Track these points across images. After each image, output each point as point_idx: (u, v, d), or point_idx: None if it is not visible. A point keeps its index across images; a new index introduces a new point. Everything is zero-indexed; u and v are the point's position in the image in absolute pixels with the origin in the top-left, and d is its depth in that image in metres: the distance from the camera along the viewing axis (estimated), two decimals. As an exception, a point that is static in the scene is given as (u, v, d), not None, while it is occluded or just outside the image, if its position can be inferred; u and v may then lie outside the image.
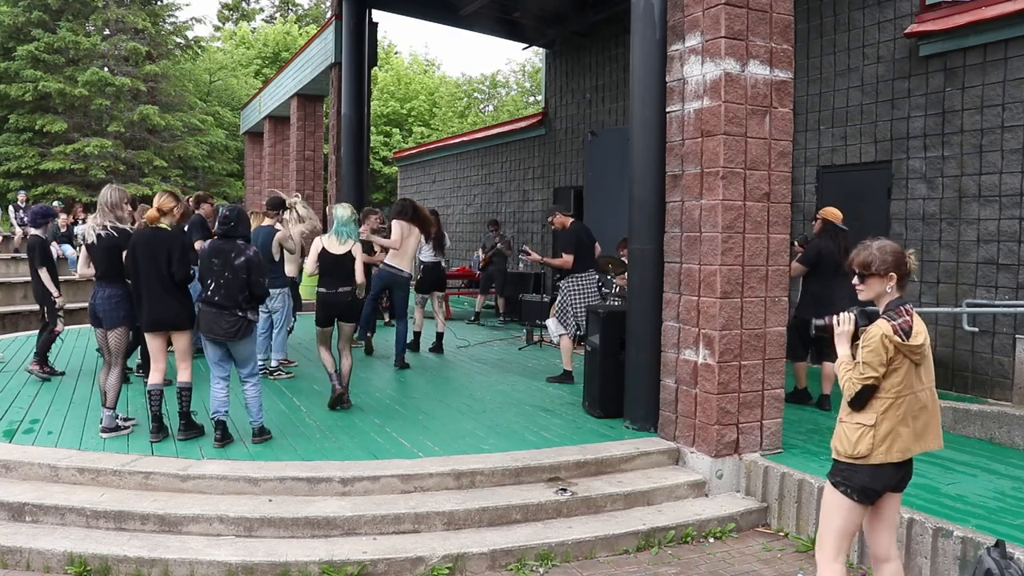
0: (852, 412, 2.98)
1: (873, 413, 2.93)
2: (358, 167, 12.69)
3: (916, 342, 2.89)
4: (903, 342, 2.87)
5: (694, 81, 5.11)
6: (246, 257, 5.09)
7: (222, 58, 33.90)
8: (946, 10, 7.21)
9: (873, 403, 2.93)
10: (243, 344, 5.15)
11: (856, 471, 2.95)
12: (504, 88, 37.85)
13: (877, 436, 2.92)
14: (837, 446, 3.00)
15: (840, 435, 3.00)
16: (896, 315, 2.92)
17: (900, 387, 2.92)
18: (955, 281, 7.20)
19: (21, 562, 3.94)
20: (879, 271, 2.98)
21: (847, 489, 2.97)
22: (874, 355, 2.87)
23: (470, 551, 4.07)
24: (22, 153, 24.20)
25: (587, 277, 7.37)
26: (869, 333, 2.91)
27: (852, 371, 2.93)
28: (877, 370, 2.88)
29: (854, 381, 2.91)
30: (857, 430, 2.95)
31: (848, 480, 2.97)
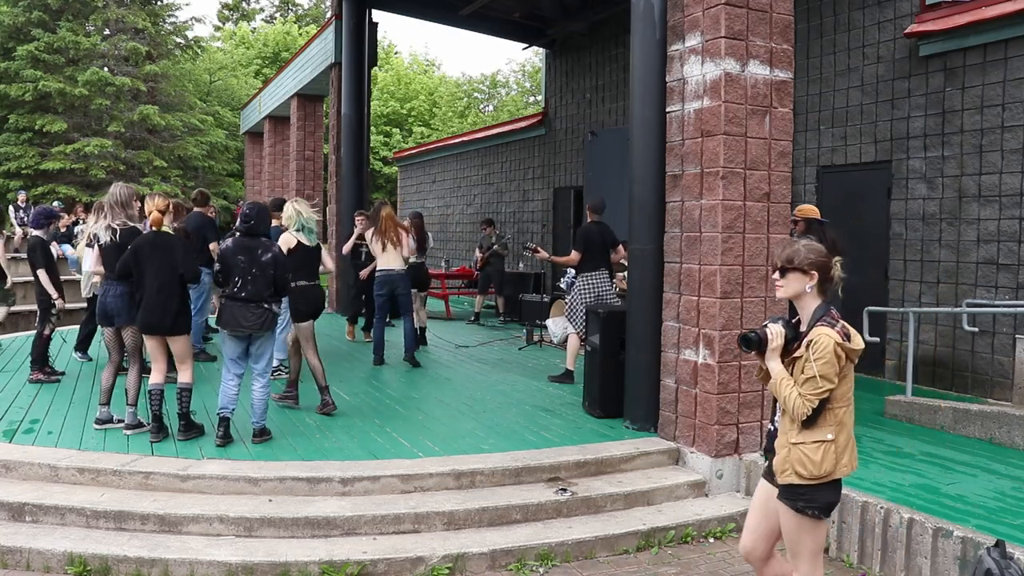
0: (804, 431, 2.79)
1: (828, 427, 2.79)
2: (358, 167, 12.70)
3: (858, 345, 2.78)
4: (850, 347, 2.76)
5: (694, 81, 5.11)
6: (273, 253, 5.23)
7: (222, 58, 33.90)
8: (946, 10, 7.20)
9: (825, 416, 2.79)
10: (265, 338, 5.23)
11: (819, 490, 2.80)
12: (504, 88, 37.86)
13: (838, 449, 2.79)
14: (800, 471, 2.77)
15: (800, 459, 2.78)
16: (833, 320, 2.80)
17: (849, 394, 2.83)
18: (955, 281, 7.20)
19: (21, 562, 3.94)
20: (801, 266, 2.84)
21: (814, 511, 2.82)
22: (829, 366, 2.72)
23: (470, 551, 4.07)
24: (22, 153, 24.19)
25: (596, 276, 7.36)
26: (819, 344, 2.73)
27: (802, 387, 2.75)
28: (833, 381, 2.73)
29: (809, 397, 2.73)
30: (819, 448, 2.77)
31: (813, 502, 2.81)
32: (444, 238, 18.70)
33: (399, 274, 8.04)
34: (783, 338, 2.84)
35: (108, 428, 5.37)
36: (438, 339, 10.18)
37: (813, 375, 2.72)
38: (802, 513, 2.81)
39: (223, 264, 5.18)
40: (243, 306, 5.09)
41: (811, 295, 2.86)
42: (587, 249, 7.30)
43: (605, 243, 7.47)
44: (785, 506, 2.84)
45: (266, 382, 5.29)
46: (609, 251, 7.55)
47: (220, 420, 5.14)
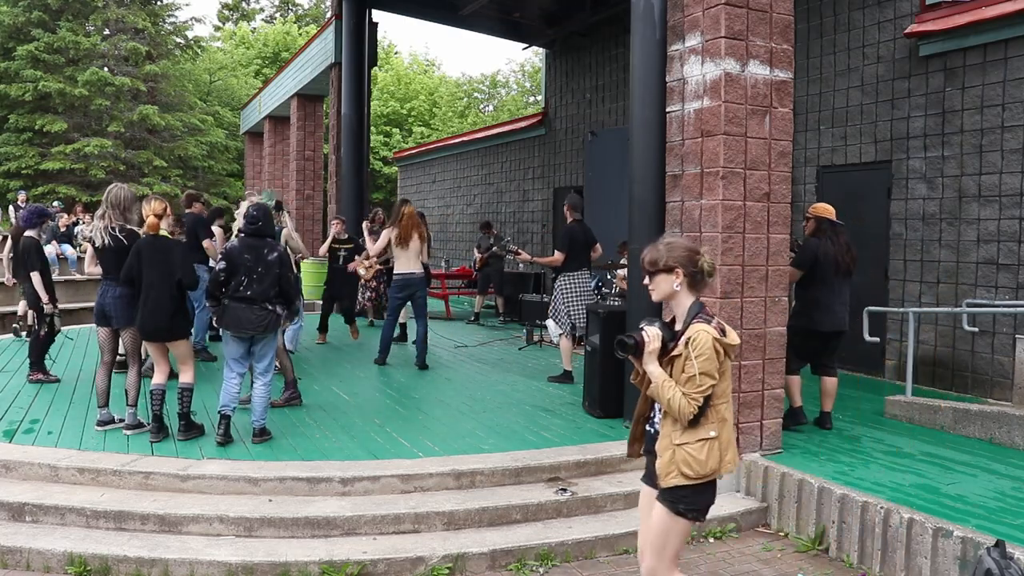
0: (687, 430, 2.74)
1: (711, 424, 2.75)
2: (358, 167, 12.70)
3: (734, 340, 2.77)
4: (728, 342, 2.74)
5: (694, 81, 5.11)
6: (279, 253, 5.26)
7: (222, 58, 33.90)
8: (946, 10, 7.21)
9: (708, 414, 2.74)
10: (268, 339, 5.24)
11: (701, 493, 2.78)
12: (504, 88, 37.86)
13: (722, 445, 2.77)
14: (687, 471, 2.72)
15: (685, 459, 2.72)
16: (708, 316, 2.78)
17: (728, 390, 2.82)
18: (955, 281, 7.20)
19: (21, 562, 3.94)
20: (665, 266, 2.81)
21: (694, 514, 2.80)
22: (710, 362, 2.68)
23: (470, 551, 4.07)
24: (22, 153, 24.19)
25: (580, 276, 7.37)
26: (698, 341, 2.69)
27: (684, 386, 2.69)
28: (715, 377, 2.69)
29: (693, 396, 2.68)
30: (703, 447, 2.73)
31: (694, 505, 2.78)
32: (444, 238, 18.70)
33: (420, 277, 7.98)
34: (660, 340, 2.77)
35: (108, 429, 5.37)
36: (438, 339, 10.17)
37: (694, 373, 2.67)
38: (682, 516, 2.78)
39: (229, 262, 5.15)
40: (247, 308, 5.09)
41: (683, 292, 2.83)
42: (571, 249, 7.30)
43: (587, 243, 7.48)
44: (665, 507, 2.80)
45: (267, 381, 5.29)
46: (589, 251, 7.55)
47: (221, 418, 5.15)
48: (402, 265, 7.88)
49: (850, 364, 8.18)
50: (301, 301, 7.49)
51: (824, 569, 4.20)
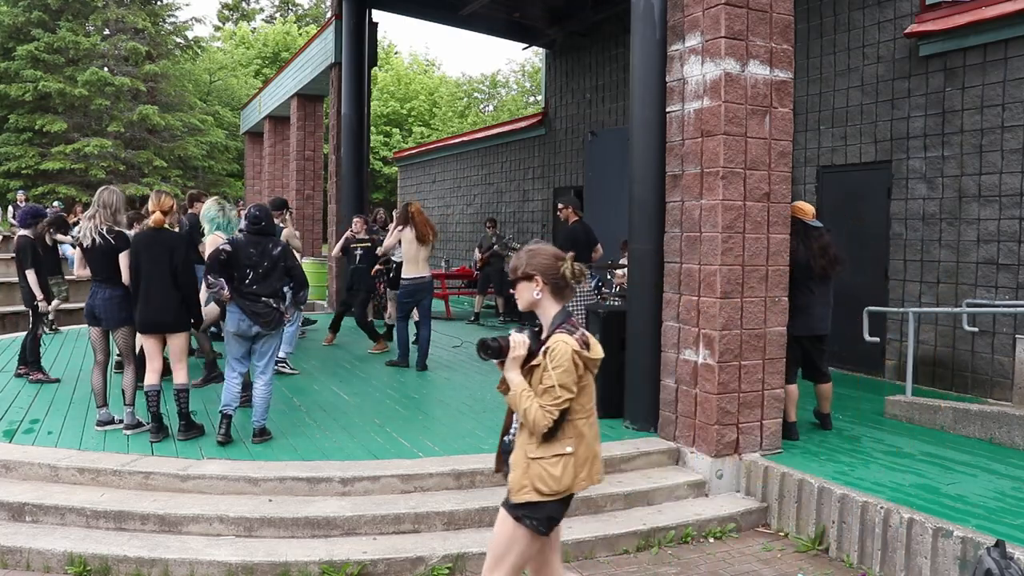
0: (543, 444, 2.63)
1: (568, 439, 2.64)
2: (358, 167, 12.70)
3: (597, 354, 2.68)
4: (589, 355, 2.64)
5: (694, 81, 5.11)
6: (282, 247, 5.30)
7: (222, 58, 33.93)
8: (946, 10, 7.20)
9: (564, 428, 2.64)
10: (270, 337, 5.25)
11: (550, 506, 2.66)
12: (504, 88, 37.87)
13: (577, 462, 2.65)
14: (541, 487, 2.61)
15: (540, 475, 2.62)
16: (572, 328, 2.67)
17: (589, 405, 2.70)
18: (955, 281, 7.20)
19: (21, 562, 3.94)
20: (524, 274, 2.73)
21: (535, 524, 2.67)
22: (568, 374, 2.57)
23: (470, 551, 4.06)
24: (22, 153, 24.21)
25: None
26: (556, 352, 2.59)
27: (540, 398, 2.58)
28: (572, 390, 2.59)
29: (549, 409, 2.57)
30: (558, 462, 2.62)
31: (535, 513, 2.66)
32: (444, 238, 18.70)
33: (429, 282, 7.88)
34: (526, 348, 2.66)
35: (108, 429, 5.37)
36: (438, 339, 10.17)
37: (551, 384, 2.57)
38: (520, 522, 2.67)
39: (233, 251, 5.14)
40: (252, 303, 5.10)
41: (546, 300, 2.73)
42: (574, 249, 7.26)
43: (589, 243, 7.45)
44: (506, 512, 2.71)
45: (268, 379, 5.28)
46: (591, 251, 7.52)
47: (222, 417, 5.16)
48: (411, 269, 7.76)
49: (850, 364, 8.18)
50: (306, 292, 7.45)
51: (824, 569, 4.20)
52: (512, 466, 2.72)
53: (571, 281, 2.73)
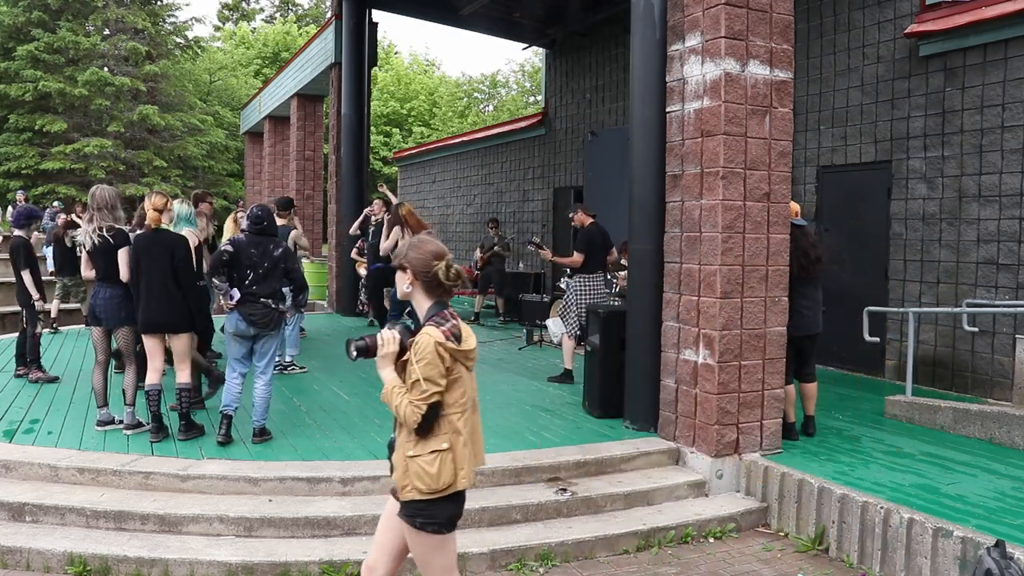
0: (420, 442, 2.60)
1: (443, 435, 2.60)
2: (358, 167, 12.71)
3: (469, 346, 2.63)
4: (457, 347, 2.59)
5: (694, 81, 5.11)
6: (283, 248, 5.32)
7: (222, 58, 33.93)
8: (946, 10, 7.20)
9: (440, 424, 2.60)
10: (270, 337, 5.26)
11: (439, 505, 2.62)
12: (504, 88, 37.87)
13: (456, 458, 2.61)
14: (420, 486, 2.58)
15: (418, 473, 2.58)
16: (442, 320, 2.63)
17: (465, 399, 2.65)
18: (955, 281, 7.19)
19: (21, 562, 3.94)
20: (399, 264, 2.71)
21: (435, 527, 2.64)
22: (432, 367, 2.53)
23: (470, 551, 4.07)
24: (22, 153, 24.21)
25: (595, 278, 7.36)
26: (419, 344, 2.56)
27: (409, 394, 2.55)
28: (439, 383, 2.55)
29: (417, 404, 2.53)
30: (435, 459, 2.58)
31: (433, 517, 2.63)
32: (444, 238, 18.69)
33: None
34: (397, 344, 2.64)
35: (108, 429, 5.37)
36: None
37: (417, 378, 2.54)
38: (422, 530, 2.64)
39: (235, 249, 5.17)
40: (251, 304, 5.11)
41: (418, 294, 2.71)
42: (590, 250, 7.29)
43: (604, 245, 7.47)
44: (406, 524, 2.66)
45: (269, 380, 5.29)
46: (606, 253, 7.55)
47: (223, 417, 5.16)
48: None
49: (850, 364, 8.18)
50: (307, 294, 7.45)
51: (824, 569, 4.20)
52: (395, 466, 2.68)
53: (445, 282, 2.67)
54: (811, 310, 5.54)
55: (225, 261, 5.14)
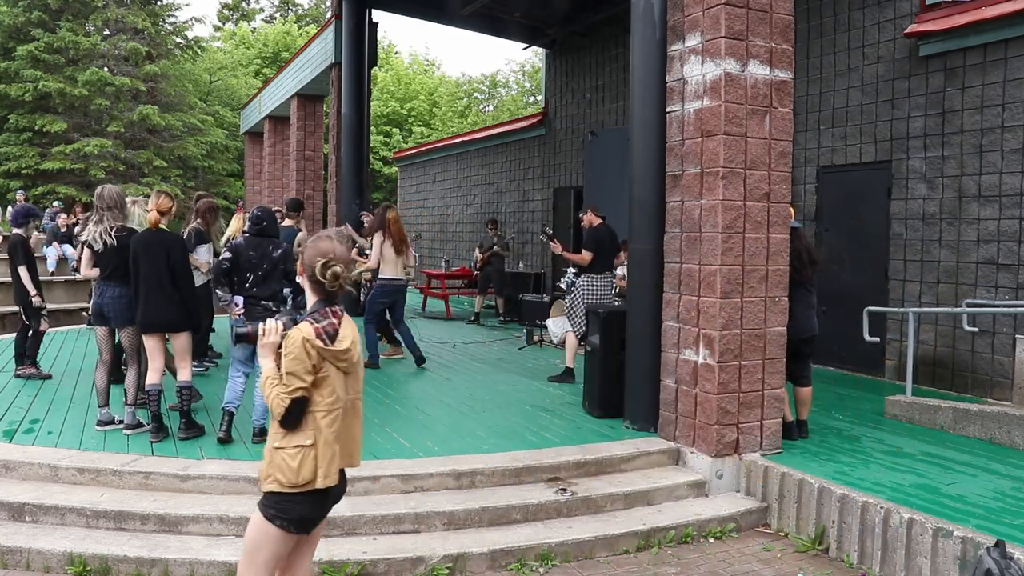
0: (287, 435, 2.61)
1: (308, 432, 2.60)
2: (358, 167, 12.70)
3: (341, 347, 2.62)
4: (326, 346, 2.58)
5: (694, 81, 5.11)
6: (283, 249, 5.33)
7: (222, 58, 33.91)
8: (946, 10, 7.21)
9: (307, 420, 2.61)
10: None
11: (295, 501, 2.61)
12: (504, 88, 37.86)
13: (319, 458, 2.60)
14: (280, 478, 2.58)
15: (280, 465, 2.59)
16: (321, 316, 2.63)
17: (333, 399, 2.64)
18: (955, 281, 7.19)
19: (21, 562, 3.94)
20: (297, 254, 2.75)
21: (285, 523, 2.62)
22: (297, 362, 2.56)
23: (470, 551, 4.07)
24: (22, 153, 24.20)
25: (602, 278, 7.37)
26: (289, 338, 2.59)
27: (278, 385, 2.59)
28: (304, 379, 2.57)
29: (282, 396, 2.57)
30: (298, 455, 2.58)
31: (285, 513, 2.62)
32: (444, 238, 18.70)
33: (404, 284, 8.01)
34: (279, 334, 2.66)
35: (108, 429, 5.37)
36: (438, 339, 10.18)
37: (284, 372, 2.57)
38: (271, 521, 2.62)
39: (234, 255, 5.19)
40: (252, 306, 5.14)
41: (308, 289, 2.73)
42: (599, 251, 7.31)
43: (613, 247, 7.51)
44: (258, 510, 2.67)
45: None
46: (615, 254, 7.58)
47: (224, 414, 5.18)
48: (390, 271, 7.89)
49: (850, 364, 8.18)
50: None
51: (824, 569, 4.20)
52: (264, 456, 2.71)
53: (323, 281, 2.66)
54: (804, 312, 5.50)
55: (226, 270, 5.18)
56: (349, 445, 2.75)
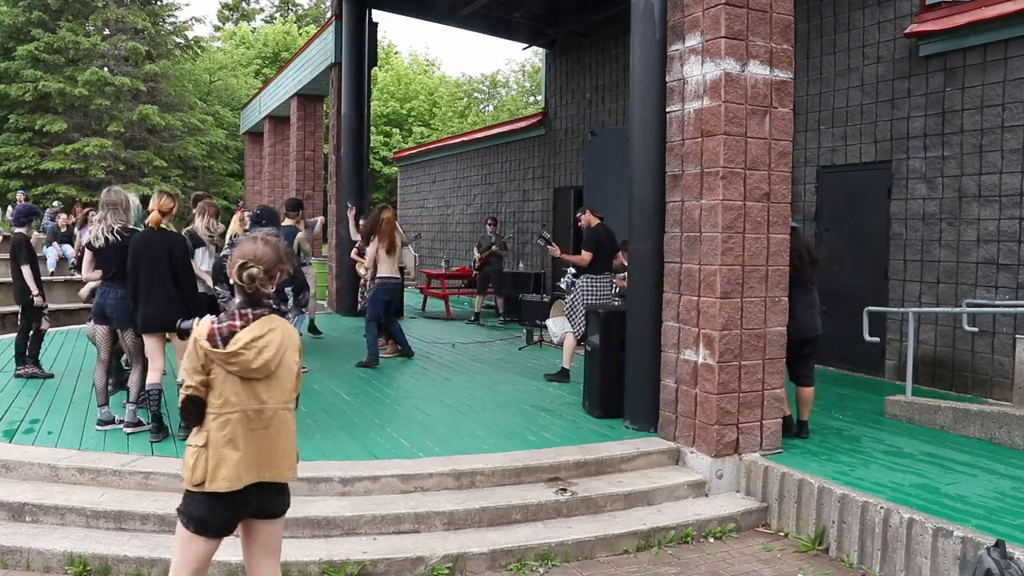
0: (194, 432, 2.60)
1: (204, 433, 2.56)
2: (358, 167, 12.71)
3: (229, 349, 2.54)
4: (213, 348, 2.53)
5: (694, 81, 5.11)
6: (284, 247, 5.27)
7: (222, 58, 33.92)
8: (946, 10, 7.21)
9: (205, 421, 2.58)
10: None
11: (195, 500, 2.57)
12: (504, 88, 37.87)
13: (210, 459, 2.53)
14: (183, 473, 2.59)
15: (184, 461, 2.60)
16: (227, 317, 2.59)
17: (221, 402, 2.55)
18: (955, 281, 7.20)
19: (21, 562, 3.94)
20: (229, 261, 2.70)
21: (186, 520, 2.60)
22: (188, 359, 2.56)
23: (470, 551, 4.06)
24: (22, 153, 24.21)
25: (601, 279, 7.39)
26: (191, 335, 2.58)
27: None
28: (193, 378, 2.54)
29: (181, 391, 2.56)
30: (193, 454, 2.56)
31: (187, 510, 2.59)
32: (444, 238, 18.70)
33: (400, 282, 8.33)
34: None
35: (109, 429, 5.37)
36: (438, 339, 10.18)
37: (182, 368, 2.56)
38: (178, 516, 2.64)
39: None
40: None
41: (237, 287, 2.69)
42: (598, 251, 7.32)
43: (612, 247, 7.52)
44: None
45: None
46: (614, 255, 7.59)
47: None
48: (387, 269, 8.12)
49: (850, 364, 8.18)
50: (308, 294, 7.47)
51: (824, 569, 4.20)
52: None
53: (238, 282, 2.63)
54: (805, 311, 5.49)
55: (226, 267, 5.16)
56: (260, 456, 2.60)
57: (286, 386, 2.67)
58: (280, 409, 2.65)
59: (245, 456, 2.57)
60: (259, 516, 2.70)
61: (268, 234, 2.81)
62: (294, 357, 2.70)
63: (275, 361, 2.62)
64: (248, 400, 2.59)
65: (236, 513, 2.64)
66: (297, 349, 2.73)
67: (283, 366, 2.65)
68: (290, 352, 2.69)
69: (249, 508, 2.65)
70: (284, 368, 2.66)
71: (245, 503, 2.62)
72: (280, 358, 2.64)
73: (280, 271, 2.75)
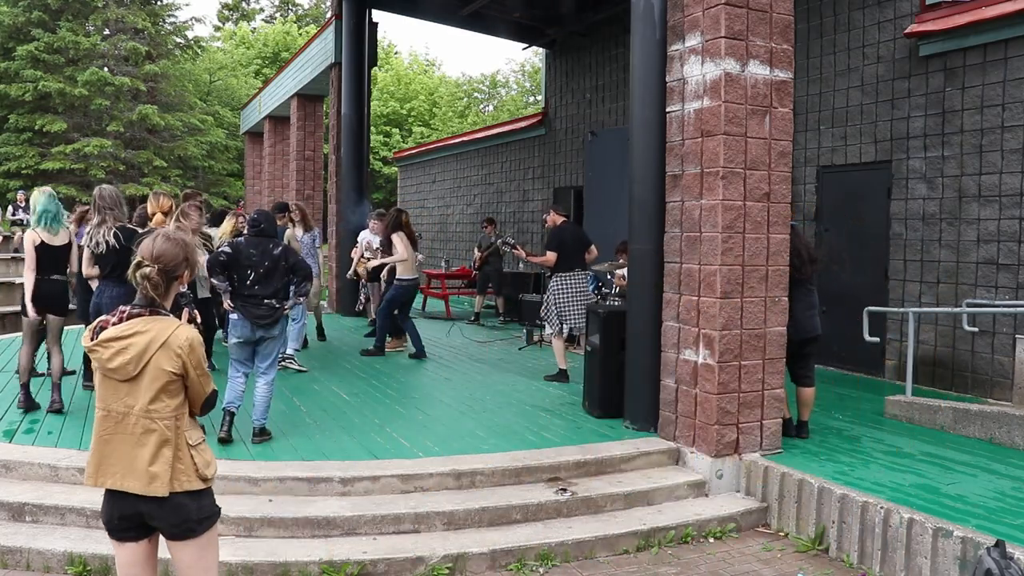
0: None
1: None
2: (358, 167, 12.71)
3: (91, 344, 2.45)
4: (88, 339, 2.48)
5: (694, 81, 5.11)
6: (283, 246, 5.41)
7: (222, 58, 33.94)
8: (946, 10, 7.20)
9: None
10: (273, 339, 5.31)
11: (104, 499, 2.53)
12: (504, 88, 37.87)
13: (92, 455, 2.48)
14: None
15: None
16: (114, 314, 2.51)
17: (99, 398, 2.50)
18: (955, 281, 7.19)
19: (21, 562, 3.94)
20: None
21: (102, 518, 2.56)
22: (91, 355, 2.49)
23: (470, 551, 4.07)
24: (22, 153, 24.22)
25: (572, 276, 7.44)
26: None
27: None
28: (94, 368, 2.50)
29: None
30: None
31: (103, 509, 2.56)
32: (444, 238, 18.70)
33: (418, 281, 8.68)
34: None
35: None
36: (438, 339, 10.18)
37: None
38: None
39: (234, 251, 5.23)
40: (255, 305, 5.17)
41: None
42: (561, 250, 7.36)
43: (578, 243, 7.56)
44: None
45: (271, 380, 5.32)
46: (583, 252, 7.62)
47: (225, 414, 5.19)
48: (410, 270, 8.44)
49: (850, 364, 8.18)
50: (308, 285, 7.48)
51: (824, 569, 4.20)
52: None
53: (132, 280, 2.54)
54: (804, 312, 5.48)
55: (222, 262, 5.22)
56: (123, 462, 2.46)
57: (150, 394, 2.45)
58: (143, 417, 2.45)
59: (107, 457, 2.47)
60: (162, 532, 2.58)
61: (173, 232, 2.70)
62: (167, 366, 2.45)
63: (135, 364, 2.43)
64: (113, 401, 2.47)
65: (123, 516, 2.50)
66: (176, 356, 2.46)
67: (148, 372, 2.44)
68: (162, 358, 2.44)
69: (136, 517, 2.51)
70: (149, 374, 2.44)
71: (129, 508, 2.48)
72: (145, 362, 2.43)
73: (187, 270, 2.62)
